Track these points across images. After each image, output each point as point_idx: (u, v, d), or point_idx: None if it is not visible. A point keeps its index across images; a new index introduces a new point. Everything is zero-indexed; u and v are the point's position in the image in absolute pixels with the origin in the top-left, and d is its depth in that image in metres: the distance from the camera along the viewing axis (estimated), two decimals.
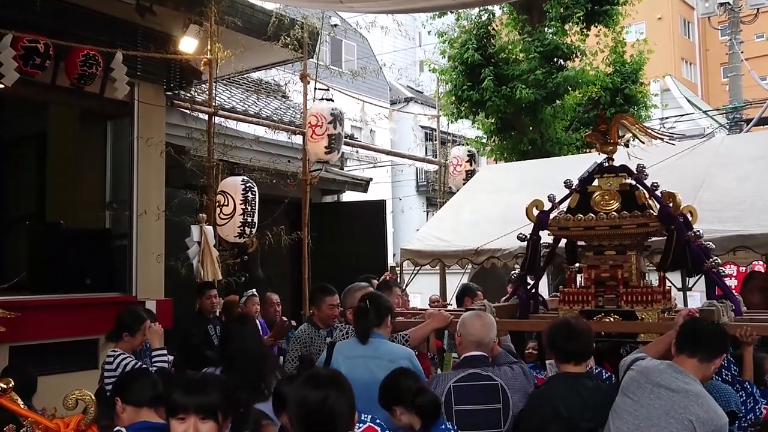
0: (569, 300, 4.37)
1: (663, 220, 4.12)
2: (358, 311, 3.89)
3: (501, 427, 3.34)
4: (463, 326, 3.65)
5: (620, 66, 11.66)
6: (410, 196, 25.66)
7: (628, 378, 3.12)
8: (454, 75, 10.98)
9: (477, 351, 3.56)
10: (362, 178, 11.69)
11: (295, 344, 4.90)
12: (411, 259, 7.34)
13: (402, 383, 3.12)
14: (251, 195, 7.15)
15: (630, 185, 4.34)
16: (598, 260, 4.34)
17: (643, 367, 3.12)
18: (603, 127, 4.48)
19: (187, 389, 2.29)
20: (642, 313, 4.12)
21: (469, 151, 10.61)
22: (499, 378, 3.42)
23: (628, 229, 4.15)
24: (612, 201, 4.27)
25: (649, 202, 4.26)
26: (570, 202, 4.47)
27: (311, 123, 7.99)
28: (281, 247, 8.28)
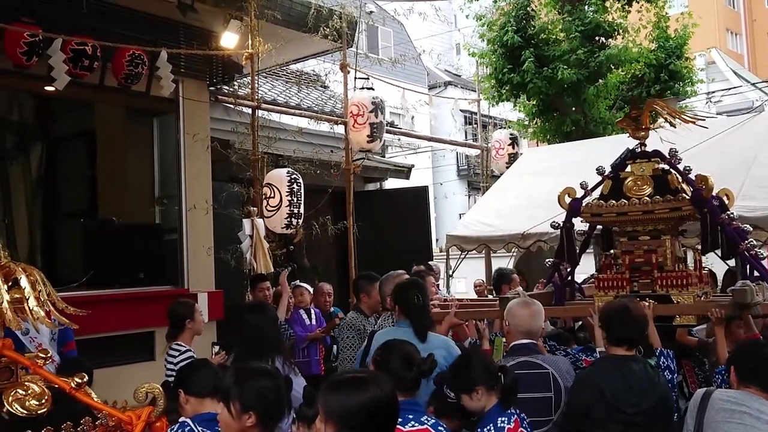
0: (604, 286, 4.34)
1: (696, 203, 4.08)
2: (414, 308, 3.81)
3: (552, 415, 3.30)
4: (511, 315, 3.62)
5: (664, 41, 11.40)
6: (451, 181, 25.59)
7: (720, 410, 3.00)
8: (494, 58, 10.88)
9: (526, 339, 3.54)
10: (404, 165, 11.68)
11: (349, 331, 4.97)
12: (457, 244, 7.34)
13: (482, 363, 3.08)
14: (296, 186, 7.22)
15: (662, 170, 4.30)
16: (632, 245, 4.33)
17: (729, 396, 3.04)
18: (635, 113, 4.43)
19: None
20: (677, 297, 4.09)
21: (512, 134, 10.53)
22: (550, 366, 3.39)
23: (661, 213, 4.13)
24: (644, 186, 4.24)
25: (681, 186, 4.21)
26: (603, 189, 4.45)
27: (352, 112, 8.03)
28: (326, 237, 8.36)
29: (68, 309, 2.38)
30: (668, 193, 4.15)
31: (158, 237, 7.75)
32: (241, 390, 2.41)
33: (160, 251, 7.58)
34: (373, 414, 2.06)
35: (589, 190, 4.54)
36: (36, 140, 8.40)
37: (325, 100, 11.26)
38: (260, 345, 3.67)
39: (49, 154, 8.46)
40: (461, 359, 3.21)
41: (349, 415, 2.03)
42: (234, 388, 2.41)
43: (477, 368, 3.03)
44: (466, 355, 3.24)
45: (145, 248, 7.60)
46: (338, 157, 8.96)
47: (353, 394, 2.06)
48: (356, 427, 2.03)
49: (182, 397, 2.91)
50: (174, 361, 4.42)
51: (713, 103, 15.47)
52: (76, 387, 2.32)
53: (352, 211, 8.35)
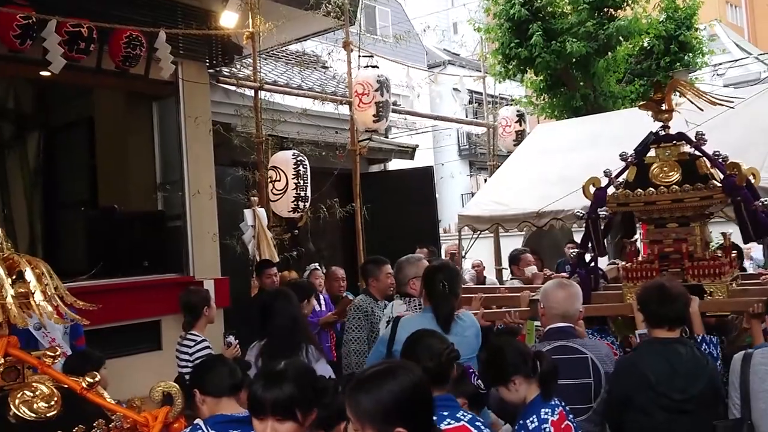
0: (632, 276, 4.13)
1: (728, 191, 3.87)
2: (439, 295, 3.58)
3: (591, 402, 3.12)
4: (546, 298, 3.41)
5: (673, 12, 11.13)
6: (453, 161, 25.36)
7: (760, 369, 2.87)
8: (500, 33, 10.62)
9: (562, 323, 3.32)
10: (408, 146, 11.49)
11: (356, 313, 4.78)
12: (469, 225, 7.16)
13: (517, 351, 2.85)
14: (303, 169, 7.04)
15: (690, 154, 4.07)
16: (660, 234, 4.13)
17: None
18: (658, 96, 4.21)
19: (264, 383, 2.19)
20: (710, 287, 3.88)
21: (518, 111, 10.32)
22: (588, 351, 3.19)
23: (691, 202, 3.94)
24: (672, 173, 4.01)
25: (711, 172, 3.99)
26: (627, 176, 4.21)
27: (357, 92, 7.82)
28: (331, 220, 8.19)
29: (77, 303, 2.18)
30: (697, 179, 3.94)
31: (162, 224, 7.59)
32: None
33: (164, 238, 7.44)
34: (411, 403, 1.89)
35: (613, 177, 4.31)
36: (33, 128, 8.20)
37: (327, 81, 11.03)
38: (293, 333, 3.58)
39: (47, 142, 8.26)
40: (493, 348, 3.00)
41: (386, 411, 1.85)
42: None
43: (512, 356, 2.80)
44: (497, 343, 3.04)
45: (148, 236, 7.46)
46: (343, 138, 8.76)
47: (384, 386, 1.88)
48: (396, 421, 1.85)
49: (198, 397, 2.72)
50: (190, 351, 4.26)
51: (719, 75, 15.21)
52: (88, 387, 2.14)
53: (359, 193, 8.17)
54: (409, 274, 4.21)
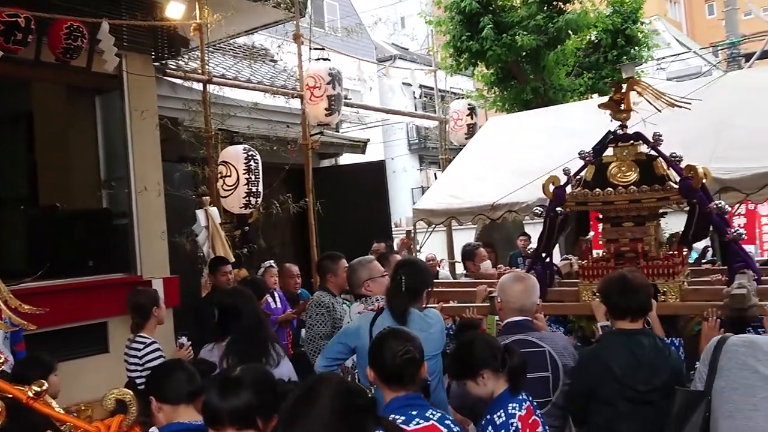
0: (589, 274, 4.16)
1: (684, 193, 3.94)
2: (393, 290, 3.56)
3: (550, 395, 3.11)
4: (503, 291, 3.41)
5: (619, 6, 11.31)
6: (403, 156, 25.34)
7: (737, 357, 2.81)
8: (452, 26, 10.60)
9: (520, 316, 3.33)
10: (360, 140, 11.38)
11: (319, 309, 4.70)
12: (424, 218, 7.10)
13: (486, 344, 2.82)
14: (254, 163, 6.88)
15: (647, 155, 4.13)
16: (617, 232, 4.19)
17: (744, 341, 2.86)
18: (618, 96, 4.24)
19: (220, 392, 2.07)
20: (664, 286, 3.92)
21: (470, 105, 10.30)
22: (546, 344, 3.18)
23: (648, 202, 4.00)
24: (629, 172, 4.08)
25: (668, 173, 4.06)
26: (586, 174, 4.26)
27: (309, 85, 7.68)
28: (282, 216, 8.05)
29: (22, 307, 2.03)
30: (654, 180, 4.00)
31: (107, 222, 7.32)
32: None
33: (110, 237, 7.18)
34: (345, 418, 1.82)
35: (572, 176, 4.35)
36: None
37: (277, 74, 10.84)
38: (259, 333, 3.50)
39: None
40: (463, 342, 2.95)
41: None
42: None
43: (481, 350, 2.76)
44: (468, 337, 2.98)
45: (93, 235, 7.20)
46: (294, 132, 8.61)
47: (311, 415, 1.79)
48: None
49: (154, 404, 2.57)
50: (139, 354, 4.09)
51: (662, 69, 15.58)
52: (34, 396, 1.99)
53: (312, 188, 8.04)
54: (363, 276, 4.19)
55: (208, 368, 2.87)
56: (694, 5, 43.14)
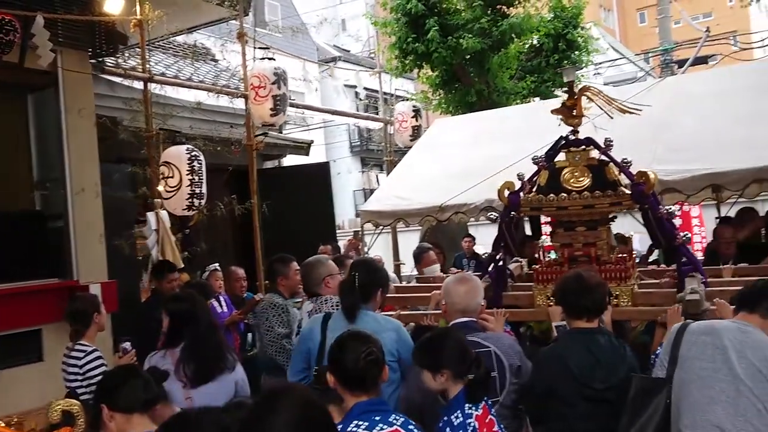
0: (543, 279, 4.18)
1: (636, 199, 4.00)
2: (345, 286, 3.54)
3: (497, 395, 3.11)
4: (447, 293, 3.43)
5: (560, 11, 11.52)
6: (345, 158, 25.28)
7: (697, 347, 2.83)
8: (397, 27, 10.60)
9: (465, 317, 3.34)
10: (304, 141, 11.25)
11: (275, 309, 4.64)
12: (372, 220, 7.06)
13: (458, 347, 2.81)
14: (197, 164, 6.69)
15: (599, 160, 4.18)
16: (570, 237, 4.22)
17: (711, 328, 2.87)
18: (570, 102, 4.28)
19: None
20: (616, 290, 3.96)
21: (414, 107, 10.30)
22: (491, 344, 3.19)
23: (601, 207, 4.05)
24: (582, 177, 4.11)
25: (619, 178, 4.12)
26: (539, 180, 4.28)
27: (253, 84, 7.51)
28: (224, 218, 7.87)
29: None
30: (607, 185, 4.05)
31: (40, 225, 6.99)
32: None
33: (44, 241, 6.85)
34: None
35: (526, 181, 4.37)
36: None
37: (219, 74, 10.62)
38: (213, 338, 3.42)
39: None
40: (437, 334, 2.93)
41: None
42: None
43: (451, 349, 2.77)
44: (445, 332, 2.96)
45: (25, 238, 6.85)
46: (238, 133, 8.43)
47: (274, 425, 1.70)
48: None
49: (106, 413, 2.42)
50: (79, 363, 3.90)
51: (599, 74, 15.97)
52: None
53: (256, 190, 7.88)
54: (323, 272, 4.15)
55: (160, 376, 2.74)
56: (627, 13, 44.57)
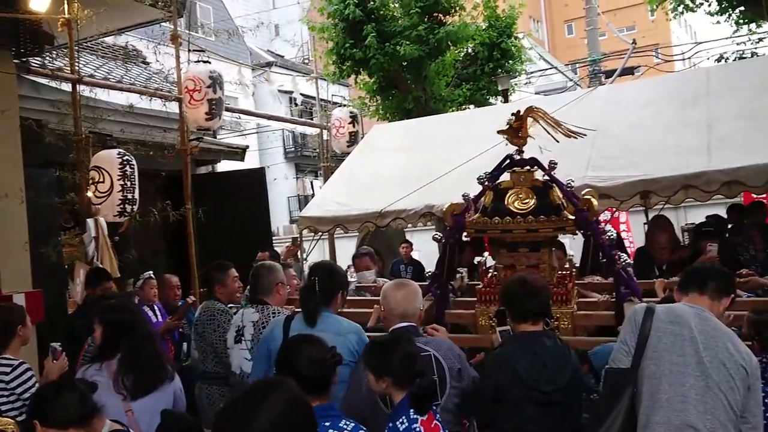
0: (486, 300, 4.16)
1: (580, 225, 4.04)
2: (306, 290, 3.57)
3: (438, 399, 3.10)
4: (385, 300, 3.42)
5: (495, 20, 11.72)
6: (279, 164, 25.03)
7: (666, 336, 2.82)
8: (335, 33, 10.56)
9: (404, 323, 3.33)
10: (239, 146, 11.06)
11: (223, 315, 4.55)
12: (311, 226, 6.99)
13: (406, 358, 2.77)
14: (129, 169, 6.47)
15: (543, 182, 4.20)
16: (513, 258, 4.23)
17: (676, 315, 2.86)
18: (516, 123, 4.31)
19: None
20: (557, 313, 3.94)
21: (351, 113, 10.27)
22: (431, 348, 3.19)
23: (545, 231, 4.06)
24: (527, 200, 4.11)
25: (563, 202, 4.14)
26: (485, 200, 4.28)
27: (188, 88, 7.34)
28: (156, 225, 7.65)
29: None
30: (551, 209, 4.06)
31: None
32: None
33: None
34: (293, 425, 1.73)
35: (472, 201, 4.37)
36: None
37: (151, 77, 10.34)
38: (152, 347, 3.33)
39: None
40: (391, 340, 2.91)
41: None
42: None
43: (398, 359, 2.75)
44: (397, 338, 2.93)
45: None
46: (172, 137, 8.21)
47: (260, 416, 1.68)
48: None
49: (39, 430, 2.29)
50: (7, 379, 3.68)
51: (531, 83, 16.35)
52: None
53: (190, 196, 7.69)
54: (275, 279, 4.11)
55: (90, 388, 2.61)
56: (555, 25, 45.82)
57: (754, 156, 5.27)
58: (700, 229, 6.81)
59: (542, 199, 4.08)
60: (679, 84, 7.24)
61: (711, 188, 5.49)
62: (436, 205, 6.37)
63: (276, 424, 1.67)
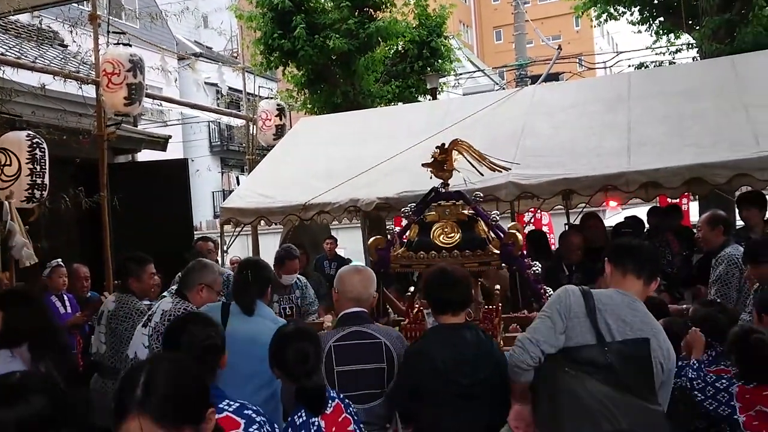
0: (411, 337, 3.93)
1: (505, 260, 4.03)
2: (240, 284, 3.62)
3: (384, 387, 3.13)
4: (341, 282, 3.40)
5: (425, 19, 11.76)
6: (203, 157, 24.46)
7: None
8: (263, 22, 10.34)
9: (356, 307, 3.32)
10: (161, 136, 10.68)
11: (141, 317, 4.29)
12: (233, 218, 6.79)
13: (298, 355, 2.69)
14: (39, 152, 6.13)
15: (469, 216, 4.15)
16: None
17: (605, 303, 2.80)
18: (441, 156, 4.26)
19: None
20: None
21: (279, 105, 10.07)
22: (382, 336, 3.21)
23: (471, 267, 3.97)
24: (452, 233, 4.05)
25: (489, 236, 4.11)
26: (410, 234, 4.21)
27: (107, 71, 7.00)
28: (69, 213, 7.30)
29: None
30: (476, 243, 4.01)
31: None
32: None
33: None
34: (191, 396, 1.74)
35: (396, 235, 4.33)
36: None
37: (64, 60, 9.85)
38: (54, 333, 3.27)
39: None
40: (292, 332, 2.84)
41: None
42: None
43: (289, 354, 2.71)
44: (296, 335, 2.84)
45: None
46: (88, 123, 7.84)
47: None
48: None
49: None
50: None
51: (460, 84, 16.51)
52: None
53: (106, 184, 7.37)
54: (199, 279, 3.92)
55: None
56: (485, 31, 46.67)
57: (671, 158, 5.42)
58: (620, 230, 6.94)
59: (468, 233, 4.04)
60: (603, 87, 7.40)
61: (630, 189, 5.61)
62: (361, 199, 6.31)
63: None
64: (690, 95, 6.31)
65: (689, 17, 10.29)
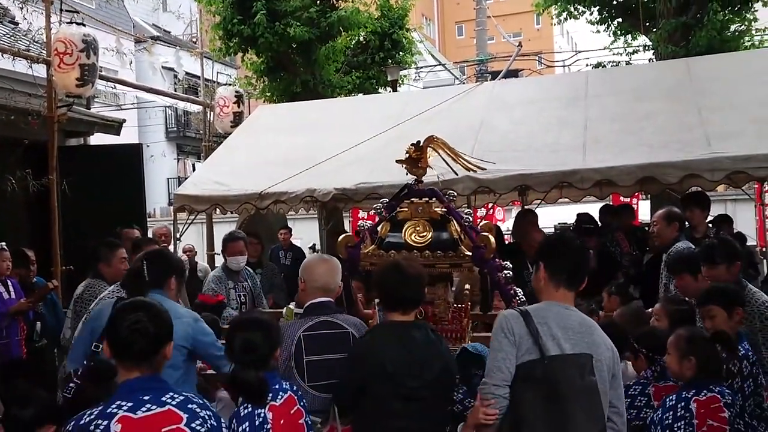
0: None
1: (476, 263, 3.93)
2: (132, 273, 3.58)
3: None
4: (308, 271, 3.37)
5: (387, 11, 11.73)
6: (159, 143, 24.02)
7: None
8: (222, 7, 10.17)
9: (323, 297, 3.30)
10: (115, 120, 10.42)
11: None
12: (186, 205, 6.66)
13: (245, 345, 2.70)
14: None
15: (441, 215, 4.03)
16: None
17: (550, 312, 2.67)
18: (416, 154, 4.20)
19: None
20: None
21: (237, 92, 9.93)
22: (348, 326, 3.22)
23: (442, 268, 3.91)
24: (424, 233, 3.93)
25: (461, 236, 4.00)
26: (381, 231, 4.08)
27: (58, 50, 6.80)
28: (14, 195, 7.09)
29: None
30: (448, 244, 3.90)
31: None
32: None
33: None
34: None
35: (367, 232, 4.19)
36: None
37: (17, 38, 9.54)
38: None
39: None
40: (244, 322, 2.83)
41: None
42: None
43: (236, 344, 2.74)
44: (243, 326, 2.79)
45: None
46: (38, 104, 7.61)
47: None
48: None
49: None
50: None
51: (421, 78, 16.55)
52: None
53: (56, 167, 7.16)
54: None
55: None
56: (447, 25, 46.81)
57: (625, 157, 5.50)
58: (581, 227, 6.88)
59: (440, 233, 3.92)
60: (561, 85, 7.49)
61: (585, 186, 5.67)
62: (318, 189, 6.26)
63: None
64: (645, 95, 6.41)
65: (647, 19, 10.47)
